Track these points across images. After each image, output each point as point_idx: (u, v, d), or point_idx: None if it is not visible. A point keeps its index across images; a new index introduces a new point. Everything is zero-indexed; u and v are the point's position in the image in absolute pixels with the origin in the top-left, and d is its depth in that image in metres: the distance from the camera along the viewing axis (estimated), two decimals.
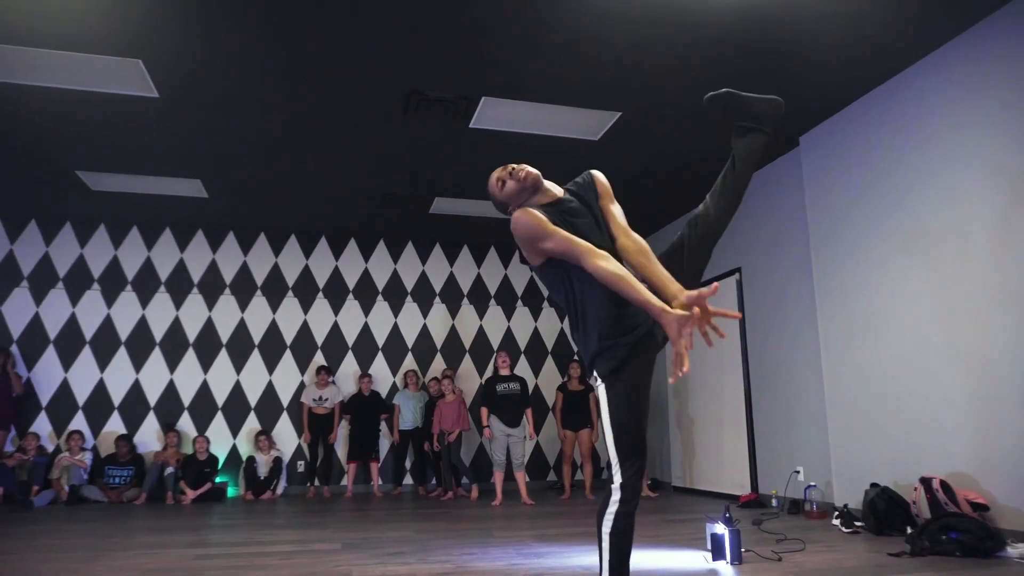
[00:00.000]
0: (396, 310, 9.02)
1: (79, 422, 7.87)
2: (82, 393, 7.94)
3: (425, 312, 9.09)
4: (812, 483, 5.81)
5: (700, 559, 3.82)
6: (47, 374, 7.89)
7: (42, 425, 7.77)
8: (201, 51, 4.66)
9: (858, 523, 4.87)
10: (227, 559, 3.99)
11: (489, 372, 8.81)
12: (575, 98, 5.40)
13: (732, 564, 3.68)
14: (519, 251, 2.12)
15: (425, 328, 9.05)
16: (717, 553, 3.75)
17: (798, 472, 6.10)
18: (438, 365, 8.92)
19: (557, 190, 2.36)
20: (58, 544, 4.60)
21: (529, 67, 4.94)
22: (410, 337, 8.99)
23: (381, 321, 8.95)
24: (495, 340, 9.22)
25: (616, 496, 2.10)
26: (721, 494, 7.16)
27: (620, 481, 2.11)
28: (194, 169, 6.67)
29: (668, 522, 5.45)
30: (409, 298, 9.08)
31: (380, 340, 8.90)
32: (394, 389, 8.73)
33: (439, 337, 9.07)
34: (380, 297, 9.00)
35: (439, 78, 5.10)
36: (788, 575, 3.41)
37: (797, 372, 6.20)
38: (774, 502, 6.23)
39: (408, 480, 8.55)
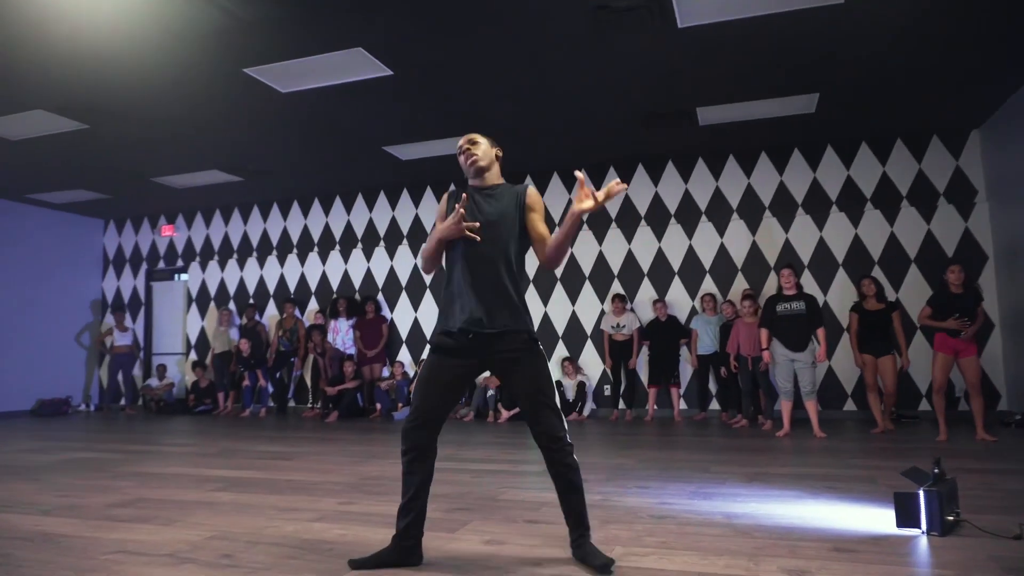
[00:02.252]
0: (690, 232, 8.62)
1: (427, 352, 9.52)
2: (428, 328, 9.57)
3: (722, 230, 8.49)
4: None
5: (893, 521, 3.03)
6: (403, 315, 9.70)
7: (405, 355, 9.63)
8: (407, 23, 5.15)
9: None
10: (439, 473, 4.53)
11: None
12: None
13: (927, 533, 2.85)
14: None
15: (723, 248, 8.47)
16: (904, 517, 2.93)
17: None
18: (740, 286, 8.30)
19: (498, 179, 2.70)
20: (368, 451, 5.78)
21: None
22: (707, 258, 8.52)
23: (675, 245, 8.67)
24: (805, 254, 8.16)
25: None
26: None
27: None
28: (461, 127, 7.39)
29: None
30: (704, 218, 8.58)
31: (675, 264, 8.65)
32: (693, 314, 8.45)
33: (739, 256, 8.40)
34: (673, 220, 8.70)
35: None
36: (996, 559, 2.52)
37: None
38: None
39: (714, 406, 8.27)
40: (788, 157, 8.30)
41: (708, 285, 8.48)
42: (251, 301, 10.46)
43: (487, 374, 8.96)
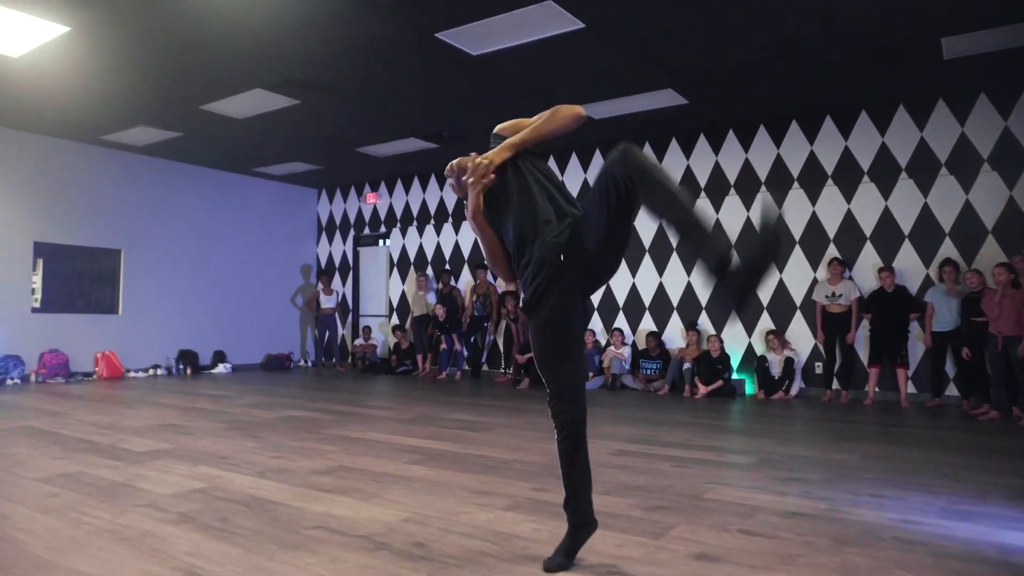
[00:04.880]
0: (926, 188, 7.41)
1: (620, 321, 9.21)
2: (620, 296, 9.22)
3: (968, 185, 7.20)
4: None
5: None
6: None
7: (596, 323, 9.39)
8: None
9: None
10: (635, 458, 4.25)
11: None
12: None
13: None
14: None
15: (968, 205, 7.18)
16: None
17: None
18: (989, 253, 7.02)
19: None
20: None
21: None
22: (947, 219, 7.29)
23: (906, 204, 7.50)
24: None
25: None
26: None
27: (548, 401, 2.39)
28: (662, 80, 6.89)
29: None
30: (943, 170, 7.32)
31: (906, 226, 7.50)
32: (927, 284, 7.30)
33: (990, 215, 7.08)
34: (904, 175, 7.52)
35: None
36: None
37: None
38: None
39: (952, 391, 7.14)
40: None
41: (948, 250, 7.26)
42: (447, 267, 10.75)
43: (683, 344, 8.49)
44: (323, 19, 5.51)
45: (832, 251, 7.87)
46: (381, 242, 11.93)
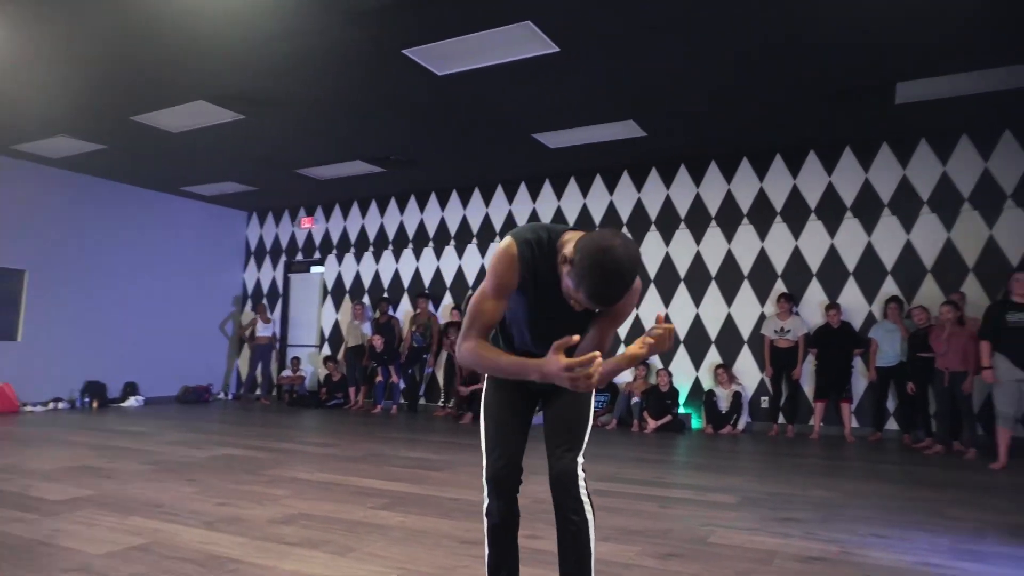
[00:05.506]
0: (870, 227, 7.62)
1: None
2: None
3: (908, 226, 7.44)
4: None
5: None
6: None
7: None
8: None
9: None
10: (616, 498, 4.00)
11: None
12: None
13: None
14: None
15: (909, 246, 7.42)
16: None
17: None
18: (928, 291, 7.24)
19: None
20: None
21: None
22: (889, 258, 7.50)
23: (851, 242, 7.69)
24: (1014, 256, 6.99)
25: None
26: None
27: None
28: (625, 111, 6.81)
29: None
30: (886, 211, 7.55)
31: (851, 264, 7.67)
32: (870, 320, 7.46)
33: (929, 255, 7.33)
34: (849, 214, 7.72)
35: None
36: None
37: None
38: None
39: (892, 425, 7.27)
40: (996, 141, 7.14)
41: (890, 288, 7.46)
42: (385, 295, 10.32)
43: (630, 379, 8.37)
44: (284, 28, 5.15)
45: (780, 287, 7.96)
46: (314, 269, 11.38)
